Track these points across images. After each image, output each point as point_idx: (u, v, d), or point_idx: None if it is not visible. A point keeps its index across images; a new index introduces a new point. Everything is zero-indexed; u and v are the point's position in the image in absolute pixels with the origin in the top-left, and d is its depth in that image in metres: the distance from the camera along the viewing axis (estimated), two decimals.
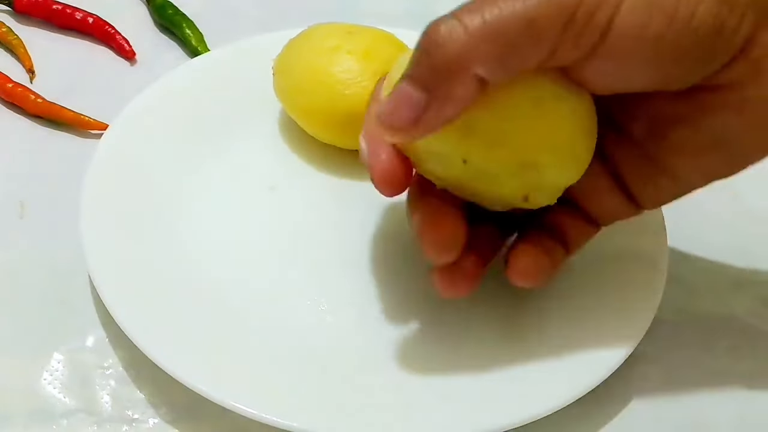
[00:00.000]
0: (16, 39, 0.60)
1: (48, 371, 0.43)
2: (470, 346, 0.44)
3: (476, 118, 0.35)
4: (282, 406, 0.40)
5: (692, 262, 0.50)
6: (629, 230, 0.48)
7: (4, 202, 0.51)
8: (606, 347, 0.42)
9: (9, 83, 0.56)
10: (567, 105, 0.36)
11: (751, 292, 0.50)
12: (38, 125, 0.56)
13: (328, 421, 0.40)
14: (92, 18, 0.62)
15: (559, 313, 0.45)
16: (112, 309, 0.42)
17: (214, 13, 0.64)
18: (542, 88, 0.36)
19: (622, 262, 0.46)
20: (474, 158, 0.36)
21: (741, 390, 0.45)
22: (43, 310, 0.46)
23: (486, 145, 0.36)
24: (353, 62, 0.49)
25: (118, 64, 0.61)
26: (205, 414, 0.41)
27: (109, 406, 0.42)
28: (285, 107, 0.52)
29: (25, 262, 0.48)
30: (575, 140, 0.37)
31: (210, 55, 0.58)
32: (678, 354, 0.46)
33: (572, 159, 0.37)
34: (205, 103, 0.53)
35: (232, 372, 0.41)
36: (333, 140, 0.52)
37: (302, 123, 0.52)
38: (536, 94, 0.35)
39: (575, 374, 0.41)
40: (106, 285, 0.43)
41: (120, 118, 0.51)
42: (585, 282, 0.46)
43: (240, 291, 0.46)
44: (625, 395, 0.44)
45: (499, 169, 0.36)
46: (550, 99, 0.36)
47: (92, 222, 0.46)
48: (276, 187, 0.51)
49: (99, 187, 0.47)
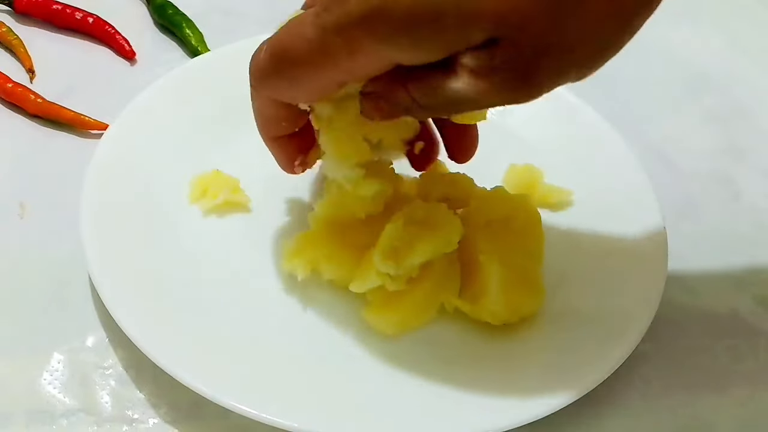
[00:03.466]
0: (16, 39, 0.60)
1: (48, 371, 0.43)
2: (470, 346, 0.44)
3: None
4: (282, 406, 0.40)
5: (692, 262, 0.50)
6: (629, 230, 0.48)
7: (4, 202, 0.51)
8: (606, 347, 0.42)
9: (9, 83, 0.56)
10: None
11: (752, 292, 0.50)
12: (38, 125, 0.56)
13: (328, 421, 0.40)
14: (92, 18, 0.62)
15: (560, 313, 0.45)
16: (112, 309, 0.42)
17: (214, 13, 0.64)
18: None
19: (622, 263, 0.46)
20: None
21: (741, 390, 0.45)
22: (43, 310, 0.46)
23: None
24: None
25: (118, 64, 0.61)
26: (205, 414, 0.41)
27: (109, 406, 0.42)
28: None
29: (25, 262, 0.48)
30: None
31: (210, 55, 0.58)
32: (678, 354, 0.46)
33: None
34: (205, 103, 0.53)
35: (232, 372, 0.41)
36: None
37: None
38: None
39: (576, 374, 0.41)
40: (106, 285, 0.43)
41: (120, 118, 0.51)
42: (585, 282, 0.46)
43: (240, 291, 0.45)
44: (625, 395, 0.44)
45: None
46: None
47: (92, 222, 0.46)
48: (276, 186, 0.51)
49: (99, 187, 0.47)
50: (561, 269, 0.47)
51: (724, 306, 0.48)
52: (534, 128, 0.54)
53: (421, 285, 0.43)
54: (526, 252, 0.45)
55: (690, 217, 0.52)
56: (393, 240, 0.42)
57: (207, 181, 0.49)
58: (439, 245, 0.43)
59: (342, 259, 0.44)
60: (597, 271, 0.46)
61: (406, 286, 0.43)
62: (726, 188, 0.55)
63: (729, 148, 0.58)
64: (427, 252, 0.42)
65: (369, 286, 0.43)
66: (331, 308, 0.45)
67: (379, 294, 0.43)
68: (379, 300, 0.43)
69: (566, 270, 0.47)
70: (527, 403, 0.40)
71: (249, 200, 0.50)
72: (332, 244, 0.44)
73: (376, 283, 0.42)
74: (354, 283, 0.43)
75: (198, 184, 0.49)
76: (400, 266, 0.42)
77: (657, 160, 0.55)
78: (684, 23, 0.68)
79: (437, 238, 0.43)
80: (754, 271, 0.51)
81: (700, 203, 0.54)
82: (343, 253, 0.44)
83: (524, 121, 0.54)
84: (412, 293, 0.43)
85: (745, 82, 0.63)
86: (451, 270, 0.44)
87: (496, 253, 0.44)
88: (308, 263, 0.44)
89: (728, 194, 0.55)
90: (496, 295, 0.43)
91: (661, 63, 0.64)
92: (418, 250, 0.42)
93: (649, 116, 0.60)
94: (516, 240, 0.45)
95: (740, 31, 0.68)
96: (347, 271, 0.44)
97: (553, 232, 0.48)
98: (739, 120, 0.60)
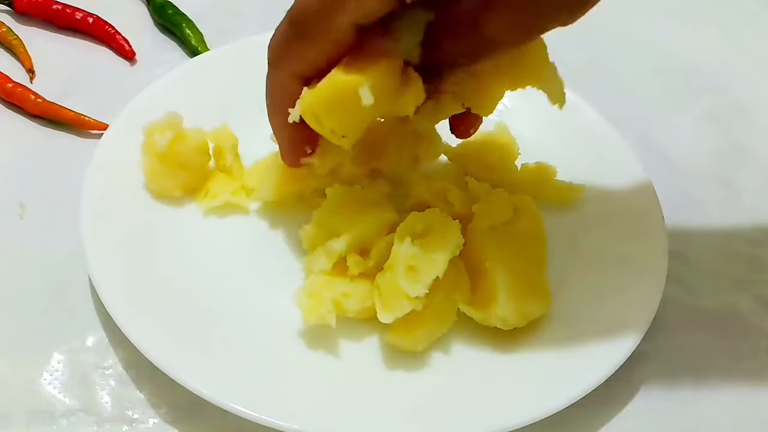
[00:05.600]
0: (16, 39, 0.60)
1: (48, 371, 0.43)
2: (470, 347, 0.44)
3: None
4: (281, 406, 0.40)
5: (692, 262, 0.50)
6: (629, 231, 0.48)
7: (4, 202, 0.51)
8: (606, 348, 0.42)
9: (9, 83, 0.56)
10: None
11: (752, 292, 0.50)
12: (38, 125, 0.56)
13: (328, 422, 0.40)
14: (92, 18, 0.62)
15: (559, 314, 0.45)
16: (111, 309, 0.42)
17: (214, 13, 0.64)
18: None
19: (622, 263, 0.46)
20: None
21: (741, 390, 0.45)
22: (43, 310, 0.46)
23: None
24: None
25: (118, 64, 0.61)
26: (204, 414, 0.41)
27: (109, 406, 0.42)
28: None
29: (25, 262, 0.48)
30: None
31: (210, 55, 0.58)
32: (678, 354, 0.46)
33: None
34: (204, 103, 0.53)
35: (231, 373, 0.41)
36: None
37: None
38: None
39: (576, 375, 0.41)
40: (106, 285, 0.43)
41: (120, 118, 0.51)
42: (585, 283, 0.46)
43: (240, 292, 0.45)
44: (625, 395, 0.44)
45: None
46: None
47: (92, 222, 0.46)
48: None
49: (99, 187, 0.47)
50: (561, 270, 0.47)
51: (725, 306, 0.48)
52: (534, 128, 0.54)
53: (436, 294, 0.42)
54: (530, 256, 0.45)
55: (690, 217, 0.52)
56: (407, 260, 0.41)
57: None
58: (450, 249, 0.42)
59: (358, 292, 0.43)
60: (596, 272, 0.46)
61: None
62: (726, 188, 0.55)
63: (729, 147, 0.58)
64: (443, 260, 0.41)
65: (401, 313, 0.41)
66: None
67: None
68: (399, 321, 0.42)
69: (566, 271, 0.47)
70: (528, 404, 0.40)
71: (249, 201, 0.50)
72: (341, 278, 0.44)
73: (408, 308, 0.41)
74: (382, 313, 0.41)
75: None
76: (425, 284, 0.41)
77: (657, 160, 0.55)
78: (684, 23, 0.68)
79: (446, 243, 0.42)
80: (754, 271, 0.51)
81: (700, 203, 0.54)
82: (358, 287, 0.43)
83: (525, 121, 0.54)
84: (430, 305, 0.42)
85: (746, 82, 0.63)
86: (458, 272, 0.44)
87: (501, 260, 0.44)
88: (332, 308, 0.42)
89: (728, 194, 0.55)
90: (506, 303, 0.43)
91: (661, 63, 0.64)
92: (436, 261, 0.41)
93: (649, 116, 0.60)
94: (520, 244, 0.45)
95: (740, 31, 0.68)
96: (369, 303, 0.43)
97: (553, 233, 0.48)
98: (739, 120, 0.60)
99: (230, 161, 0.50)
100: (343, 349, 0.43)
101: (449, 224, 0.43)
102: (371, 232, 0.44)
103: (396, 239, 0.42)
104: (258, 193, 0.49)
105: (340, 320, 0.43)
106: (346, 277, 0.44)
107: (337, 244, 0.44)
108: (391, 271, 0.42)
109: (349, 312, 0.43)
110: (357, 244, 0.44)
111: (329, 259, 0.44)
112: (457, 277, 0.44)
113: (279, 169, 0.48)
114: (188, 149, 0.48)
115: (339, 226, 0.44)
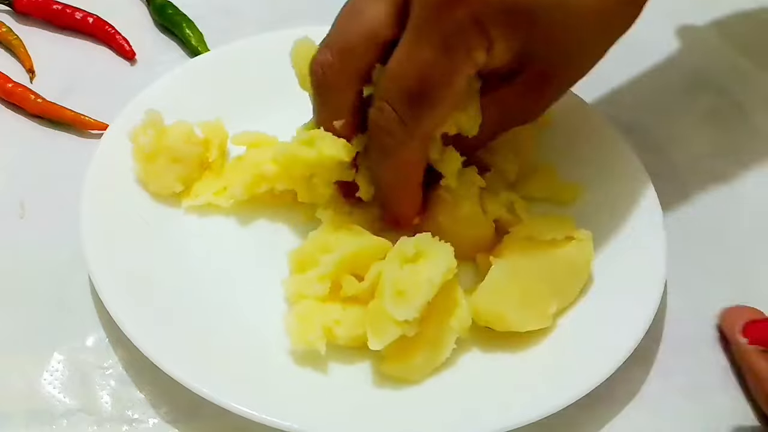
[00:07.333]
0: (16, 39, 0.60)
1: (48, 371, 0.43)
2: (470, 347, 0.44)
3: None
4: (280, 406, 0.40)
5: (692, 262, 0.50)
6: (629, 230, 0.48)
7: (4, 202, 0.51)
8: (606, 348, 0.42)
9: (9, 83, 0.56)
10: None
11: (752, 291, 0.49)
12: (38, 125, 0.56)
13: (327, 421, 0.40)
14: (92, 18, 0.62)
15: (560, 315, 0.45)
16: (111, 309, 0.42)
17: (214, 13, 0.64)
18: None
19: (622, 263, 0.46)
20: None
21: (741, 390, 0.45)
22: (43, 310, 0.46)
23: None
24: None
25: (118, 64, 0.61)
26: (204, 414, 0.41)
27: (109, 406, 0.42)
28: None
29: (25, 262, 0.48)
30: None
31: (210, 55, 0.58)
32: (678, 354, 0.46)
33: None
34: (205, 103, 0.53)
35: (231, 372, 0.41)
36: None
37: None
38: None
39: (576, 375, 0.41)
40: (106, 285, 0.43)
41: (120, 118, 0.51)
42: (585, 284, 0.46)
43: (240, 292, 0.46)
44: (625, 396, 0.44)
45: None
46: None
47: (92, 222, 0.46)
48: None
49: (99, 187, 0.47)
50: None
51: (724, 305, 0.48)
52: (534, 128, 0.54)
53: (430, 320, 0.41)
54: (549, 279, 0.44)
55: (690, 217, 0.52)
56: (396, 284, 0.40)
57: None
58: (441, 273, 0.41)
59: (350, 319, 0.43)
60: (596, 271, 0.46)
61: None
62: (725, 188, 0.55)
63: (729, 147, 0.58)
64: (433, 285, 0.40)
65: (390, 339, 0.40)
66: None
67: (392, 343, 0.41)
68: (393, 349, 0.41)
69: None
70: (528, 404, 0.40)
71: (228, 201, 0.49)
72: (333, 304, 0.43)
73: (397, 333, 0.40)
74: (372, 340, 0.40)
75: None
76: (414, 308, 0.40)
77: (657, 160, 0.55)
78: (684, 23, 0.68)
79: (436, 267, 0.41)
80: (754, 271, 0.50)
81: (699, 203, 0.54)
82: (350, 313, 0.43)
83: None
84: (424, 332, 0.41)
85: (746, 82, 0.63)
86: (452, 295, 0.43)
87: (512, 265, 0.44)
88: (323, 334, 0.42)
89: (728, 194, 0.55)
90: (480, 297, 0.43)
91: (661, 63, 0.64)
92: (425, 285, 0.40)
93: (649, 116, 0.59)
94: (548, 267, 0.44)
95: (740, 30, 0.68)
96: (361, 331, 0.42)
97: None
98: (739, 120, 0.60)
99: (214, 156, 0.49)
100: (345, 349, 0.43)
101: (441, 247, 0.42)
102: (364, 255, 0.44)
103: (386, 263, 0.42)
104: (231, 190, 0.49)
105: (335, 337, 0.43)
106: (338, 302, 0.43)
107: (328, 258, 0.43)
108: (380, 296, 0.41)
109: (340, 339, 0.42)
110: (349, 264, 0.43)
111: (322, 281, 0.43)
112: (450, 297, 0.42)
113: (251, 168, 0.48)
114: (176, 142, 0.48)
115: (332, 249, 0.44)
